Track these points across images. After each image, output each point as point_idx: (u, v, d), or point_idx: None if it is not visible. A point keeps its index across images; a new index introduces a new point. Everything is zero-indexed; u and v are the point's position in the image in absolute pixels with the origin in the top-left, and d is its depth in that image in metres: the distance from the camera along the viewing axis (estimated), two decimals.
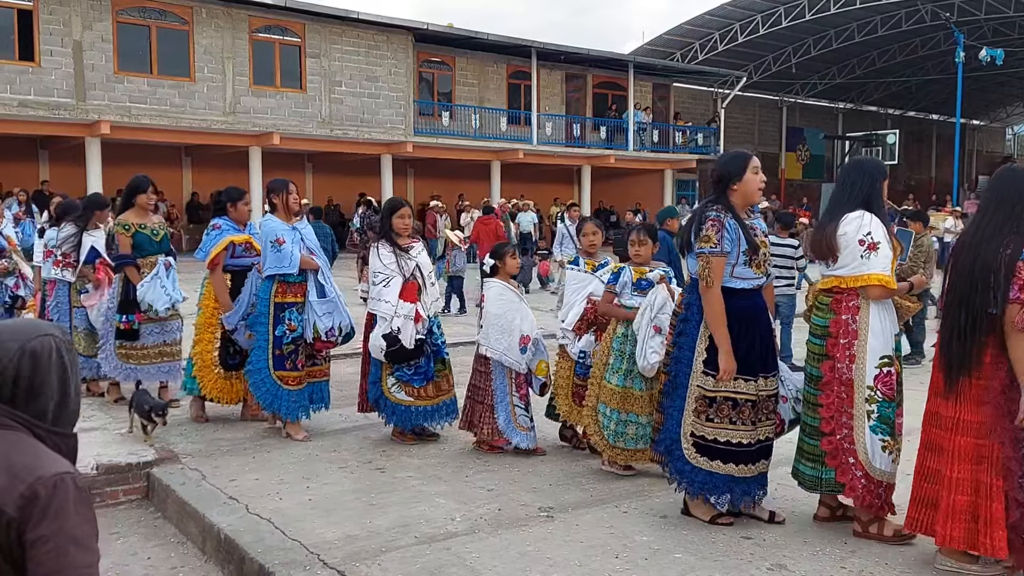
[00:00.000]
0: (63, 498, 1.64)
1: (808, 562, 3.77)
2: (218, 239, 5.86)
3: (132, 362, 6.26)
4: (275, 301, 5.59)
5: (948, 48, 31.43)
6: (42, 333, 1.77)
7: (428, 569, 3.64)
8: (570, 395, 5.30)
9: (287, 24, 21.99)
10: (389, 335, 5.31)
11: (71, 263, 6.63)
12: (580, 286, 5.37)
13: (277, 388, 5.58)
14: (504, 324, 5.28)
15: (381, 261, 5.46)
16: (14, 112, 18.48)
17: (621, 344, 4.85)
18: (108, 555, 4.10)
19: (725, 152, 4.42)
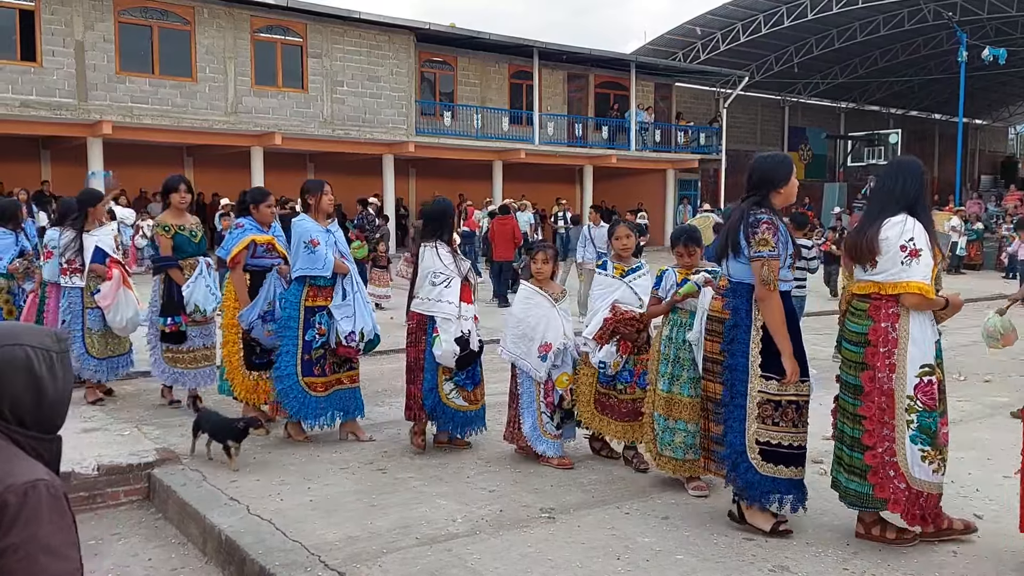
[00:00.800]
0: (34, 506, 1.60)
1: (810, 563, 3.76)
2: (240, 237, 5.81)
3: (180, 366, 6.18)
4: (305, 305, 5.47)
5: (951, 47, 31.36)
6: (11, 343, 1.72)
7: (429, 570, 3.63)
8: (592, 402, 5.11)
9: (289, 24, 21.98)
10: (461, 339, 5.16)
11: (77, 268, 6.54)
12: (606, 292, 5.16)
13: (305, 395, 5.46)
14: (524, 329, 5.17)
15: (441, 261, 5.26)
16: (16, 112, 18.48)
17: (666, 348, 4.73)
18: (109, 556, 4.11)
19: (766, 155, 4.26)
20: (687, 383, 4.64)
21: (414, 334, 5.37)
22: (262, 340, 5.79)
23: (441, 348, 5.15)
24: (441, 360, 5.18)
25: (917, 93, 41.87)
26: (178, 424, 6.02)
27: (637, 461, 5.12)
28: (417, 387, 5.36)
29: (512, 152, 25.95)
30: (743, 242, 3.94)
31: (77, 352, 6.49)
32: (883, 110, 42.60)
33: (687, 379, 4.64)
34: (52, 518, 1.62)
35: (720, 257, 4.18)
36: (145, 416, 6.27)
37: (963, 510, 4.46)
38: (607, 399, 5.06)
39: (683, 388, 4.65)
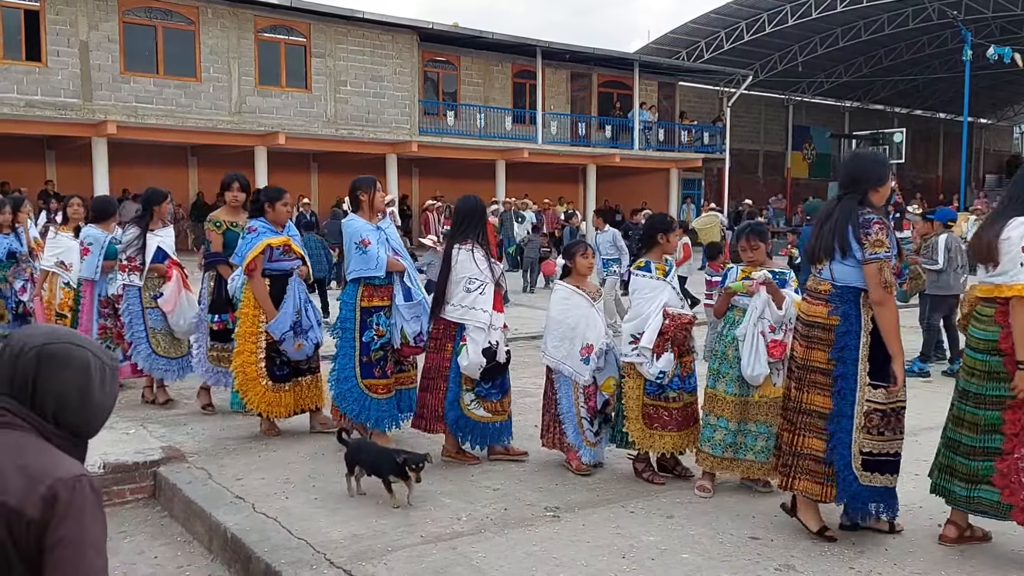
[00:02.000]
0: (82, 500, 1.64)
1: (816, 562, 3.76)
2: (254, 242, 5.50)
3: (223, 365, 5.95)
4: (361, 305, 5.27)
5: (955, 46, 31.30)
6: (68, 341, 1.77)
7: (434, 568, 3.64)
8: (640, 417, 4.78)
9: (292, 24, 22.00)
10: (488, 350, 4.91)
11: (137, 267, 6.40)
12: (653, 295, 4.79)
13: (365, 397, 5.27)
14: (564, 331, 4.91)
15: (477, 266, 4.98)
16: (21, 112, 18.52)
17: (714, 343, 4.62)
18: (115, 554, 4.11)
19: (864, 152, 4.10)
20: (732, 381, 4.55)
21: (438, 340, 5.10)
22: (291, 353, 5.55)
23: (468, 358, 4.90)
24: (466, 371, 4.95)
25: (922, 92, 41.78)
26: (183, 423, 6.04)
27: (680, 469, 4.94)
28: (434, 396, 5.11)
29: (515, 151, 25.95)
30: (854, 244, 3.75)
31: (144, 353, 6.39)
32: (888, 109, 42.50)
33: (733, 377, 4.54)
34: (95, 513, 1.66)
35: (817, 260, 3.95)
36: (151, 415, 6.28)
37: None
38: (656, 411, 4.77)
39: (728, 386, 4.56)
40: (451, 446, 5.18)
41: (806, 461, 3.95)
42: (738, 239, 4.81)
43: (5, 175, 19.60)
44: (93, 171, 19.78)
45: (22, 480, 1.61)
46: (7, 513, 1.58)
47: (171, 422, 6.05)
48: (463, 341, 4.95)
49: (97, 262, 6.73)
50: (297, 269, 5.67)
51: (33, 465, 1.63)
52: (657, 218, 5.27)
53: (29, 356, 1.72)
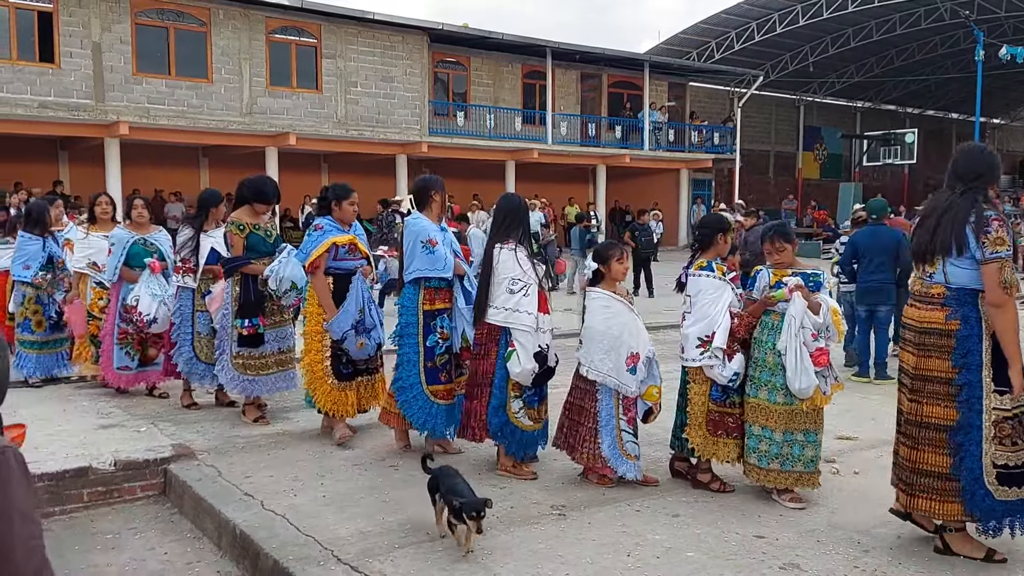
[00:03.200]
0: (7, 471, 1.65)
1: (820, 561, 3.77)
2: (320, 240, 5.37)
3: (250, 373, 5.78)
4: (424, 309, 5.10)
5: (968, 46, 31.15)
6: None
7: (440, 565, 3.66)
8: (704, 425, 4.60)
9: (303, 25, 22.09)
10: (539, 354, 4.70)
11: (191, 268, 6.29)
12: (717, 295, 4.61)
13: (431, 404, 5.08)
14: (609, 342, 4.62)
15: (520, 266, 4.77)
16: (34, 113, 18.67)
17: (755, 351, 4.50)
18: (126, 550, 4.16)
19: (980, 146, 3.86)
20: (775, 390, 4.40)
21: (482, 345, 4.90)
22: (353, 352, 5.42)
23: (520, 365, 4.68)
24: (518, 378, 4.73)
25: (934, 92, 41.57)
26: (193, 421, 6.09)
27: (718, 485, 4.72)
28: (480, 404, 4.90)
29: (525, 152, 25.97)
30: (972, 242, 3.56)
31: (186, 356, 6.29)
32: (899, 109, 42.32)
33: (776, 385, 4.39)
34: (22, 482, 1.68)
35: (927, 260, 3.77)
36: (161, 413, 6.33)
37: None
38: (721, 417, 4.58)
39: (771, 395, 4.41)
40: (507, 460, 4.92)
41: (929, 479, 3.74)
42: (762, 240, 4.70)
43: (18, 175, 19.73)
44: (105, 172, 19.92)
45: None
46: None
47: (181, 420, 6.10)
48: (511, 346, 4.72)
49: (116, 263, 6.61)
50: (362, 268, 5.53)
51: None
52: (714, 218, 5.10)
53: None
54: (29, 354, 7.22)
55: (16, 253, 7.31)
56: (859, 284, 8.22)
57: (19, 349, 7.19)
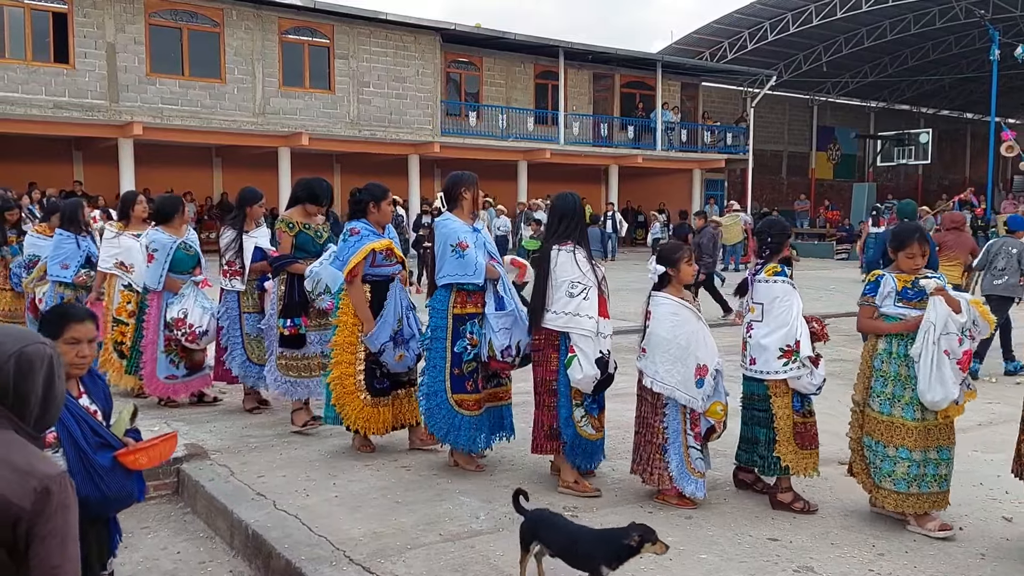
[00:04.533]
0: (66, 495, 1.78)
1: (835, 564, 3.74)
2: (358, 247, 5.05)
3: (292, 374, 5.63)
4: (454, 313, 4.84)
5: (982, 46, 30.91)
6: (37, 341, 1.89)
7: (452, 566, 3.66)
8: (792, 438, 4.36)
9: (316, 25, 22.16)
10: (601, 360, 4.46)
11: (237, 271, 6.11)
12: (791, 301, 4.39)
13: (454, 415, 4.82)
14: (677, 352, 4.36)
15: (580, 268, 4.52)
16: (49, 113, 18.80)
17: (883, 363, 4.19)
18: (139, 549, 4.17)
19: None
20: (909, 404, 4.10)
21: (541, 352, 4.65)
22: (391, 365, 5.13)
23: (582, 371, 4.44)
24: (579, 385, 4.49)
25: (948, 92, 41.32)
26: (206, 421, 6.10)
27: (761, 485, 4.60)
28: (545, 413, 4.66)
29: (537, 152, 25.97)
30: None
31: (239, 359, 6.15)
32: (914, 109, 42.09)
33: (909, 400, 4.10)
34: (73, 507, 1.81)
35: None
36: (174, 412, 6.35)
37: (992, 512, 4.42)
38: (805, 428, 4.37)
39: (905, 411, 4.12)
40: (569, 475, 4.65)
41: None
42: (903, 245, 4.24)
43: (34, 176, 19.89)
44: (120, 172, 20.04)
45: (10, 473, 1.72)
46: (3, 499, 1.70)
47: (194, 419, 6.12)
48: (571, 352, 4.48)
49: (161, 271, 6.23)
50: (399, 275, 5.26)
51: (19, 461, 1.75)
52: (781, 223, 4.84)
53: (7, 362, 1.81)
54: None
55: (52, 252, 6.99)
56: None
57: None
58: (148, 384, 6.37)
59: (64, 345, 2.61)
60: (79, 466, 2.54)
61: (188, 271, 6.35)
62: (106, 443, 2.63)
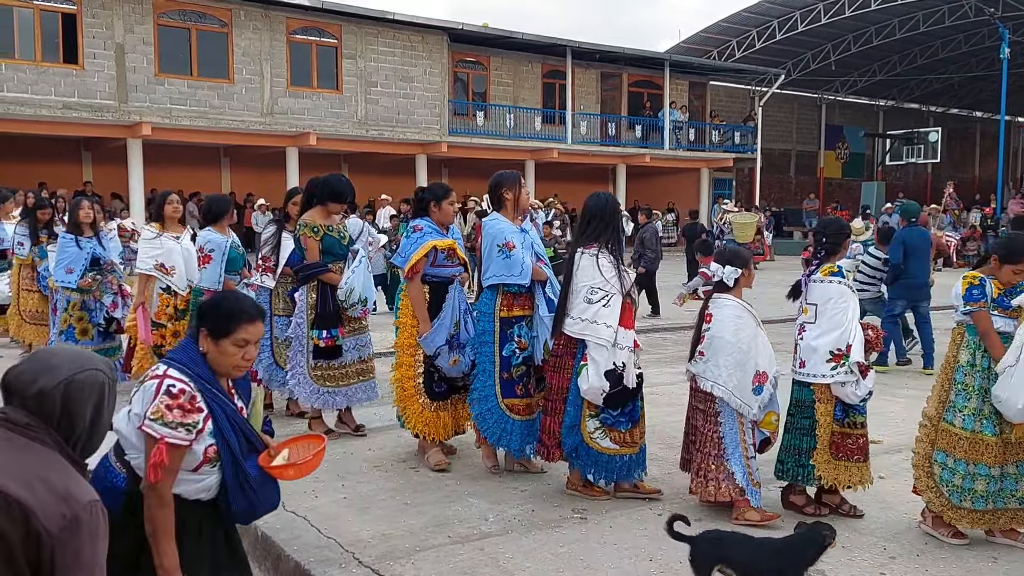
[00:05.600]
0: (96, 524, 1.75)
1: (846, 568, 3.73)
2: (420, 243, 4.91)
3: (330, 384, 5.42)
4: (501, 316, 4.75)
5: (992, 44, 30.74)
6: (92, 367, 1.87)
7: (461, 569, 3.65)
8: (828, 448, 4.22)
9: (324, 26, 22.18)
10: (613, 372, 4.29)
11: (270, 267, 5.93)
12: (847, 304, 4.22)
13: (505, 419, 4.73)
14: (738, 356, 4.23)
15: (602, 274, 4.36)
16: (58, 114, 18.87)
17: (966, 376, 3.99)
18: None
19: None
20: (989, 419, 3.94)
21: (558, 357, 4.52)
22: (446, 369, 4.96)
23: (588, 382, 4.31)
24: (587, 396, 4.36)
25: (958, 91, 41.11)
26: None
27: (847, 508, 4.39)
28: (554, 419, 4.54)
29: (545, 151, 25.95)
30: None
31: (266, 362, 5.99)
32: (923, 108, 41.89)
33: (989, 413, 3.94)
34: (104, 536, 1.77)
35: None
36: None
37: None
38: (843, 439, 4.21)
39: (985, 425, 3.93)
40: (575, 478, 4.59)
41: None
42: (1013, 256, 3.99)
43: (44, 176, 19.96)
44: (128, 172, 20.10)
45: (44, 492, 1.70)
46: (26, 517, 1.67)
47: None
48: (584, 360, 4.36)
49: (220, 270, 6.13)
50: (459, 276, 5.09)
51: (56, 482, 1.73)
52: (839, 222, 4.63)
53: (56, 388, 1.81)
54: None
55: (57, 256, 6.87)
56: (904, 280, 8.53)
57: None
58: None
59: (231, 346, 2.49)
60: (235, 482, 2.48)
61: (238, 271, 6.29)
62: (253, 447, 2.58)
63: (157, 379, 2.44)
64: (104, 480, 2.48)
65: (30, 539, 1.66)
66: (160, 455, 2.36)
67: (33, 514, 1.66)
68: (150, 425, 2.39)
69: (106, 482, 2.47)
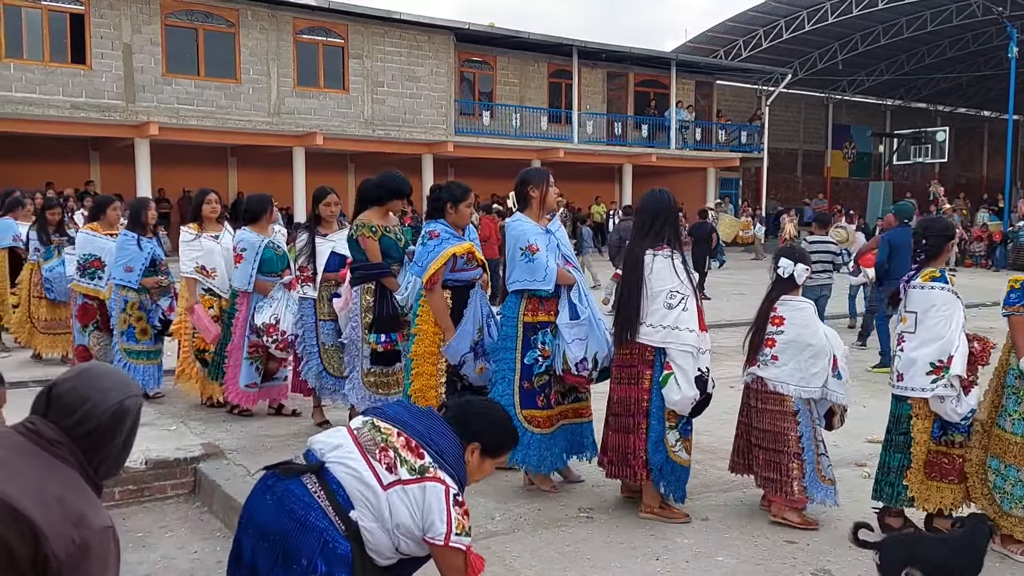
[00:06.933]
0: (107, 551, 1.74)
1: (852, 567, 3.72)
2: (438, 251, 4.68)
3: (382, 392, 5.23)
4: (525, 321, 4.49)
5: (1000, 43, 30.63)
6: (135, 393, 1.89)
7: None
8: (923, 467, 3.94)
9: (330, 26, 22.22)
10: (700, 378, 4.07)
11: (309, 276, 5.73)
12: (951, 312, 3.91)
13: (523, 432, 4.37)
14: (821, 358, 4.12)
15: (677, 276, 4.14)
16: (66, 114, 18.95)
17: (1017, 379, 3.84)
18: (156, 549, 4.19)
19: None
20: (1020, 421, 3.81)
21: (631, 368, 4.21)
22: (472, 378, 4.78)
23: (679, 391, 4.05)
24: (675, 406, 4.10)
25: (965, 90, 40.99)
26: (223, 420, 6.13)
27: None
28: (635, 436, 4.19)
29: (551, 151, 25.96)
30: None
31: (316, 370, 5.78)
32: (930, 107, 41.75)
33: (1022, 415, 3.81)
34: (114, 563, 1.76)
35: None
36: (191, 411, 6.38)
37: None
38: (937, 458, 3.95)
39: (1017, 426, 3.81)
40: (652, 500, 4.27)
41: None
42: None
43: (50, 176, 20.04)
44: (136, 172, 20.17)
45: (57, 513, 1.69)
46: (36, 538, 1.66)
47: (211, 419, 6.14)
48: (667, 369, 4.11)
49: (251, 271, 5.96)
50: (479, 279, 4.89)
51: (72, 505, 1.72)
52: (942, 222, 4.36)
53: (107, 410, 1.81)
54: (136, 364, 6.56)
55: (117, 255, 6.62)
56: (889, 280, 8.45)
57: (127, 360, 6.53)
58: (229, 390, 6.11)
59: (491, 466, 2.77)
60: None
61: (277, 272, 6.08)
62: None
63: (439, 485, 2.52)
64: (325, 535, 2.43)
65: (38, 561, 1.66)
66: (475, 562, 2.57)
67: (43, 535, 1.65)
68: (459, 540, 2.51)
69: (329, 543, 2.43)
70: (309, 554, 2.38)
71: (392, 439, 2.56)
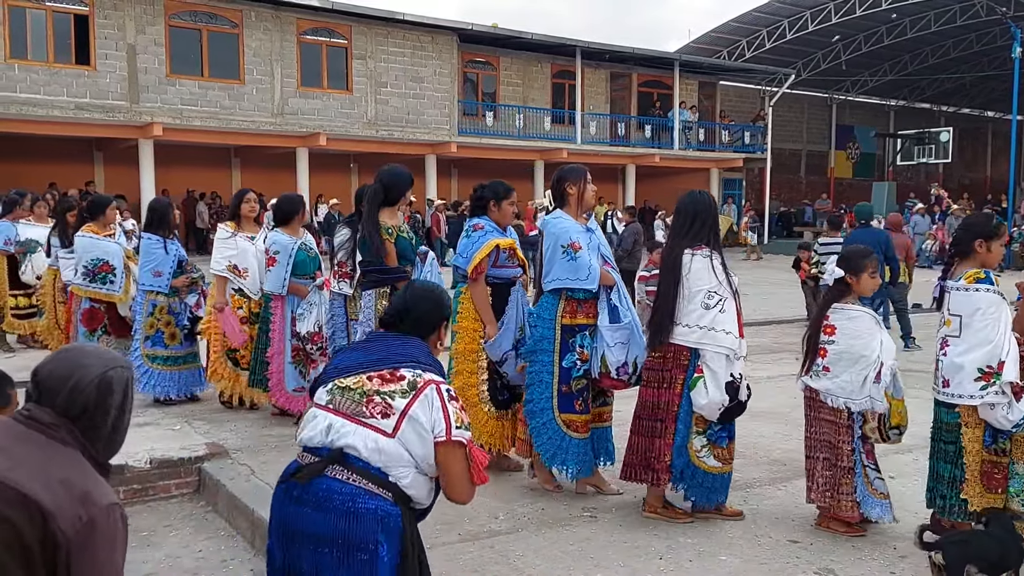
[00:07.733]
0: (114, 528, 1.75)
1: (856, 567, 3.72)
2: (482, 242, 4.65)
3: None
4: (563, 323, 4.40)
5: (1004, 43, 30.54)
6: (119, 364, 1.88)
7: (471, 566, 3.67)
8: (979, 476, 3.76)
9: (334, 26, 22.25)
10: (731, 384, 4.00)
11: (347, 273, 5.55)
12: (998, 315, 3.71)
13: (562, 436, 4.37)
14: (870, 368, 3.95)
15: (715, 276, 4.07)
16: (70, 114, 18.99)
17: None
18: (161, 547, 4.21)
19: None
20: None
21: (664, 371, 4.15)
22: (512, 376, 4.68)
23: (707, 395, 3.98)
24: (702, 410, 4.04)
25: (969, 90, 40.92)
26: (227, 420, 6.14)
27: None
28: (664, 442, 4.13)
29: (554, 152, 25.95)
30: None
31: None
32: (934, 107, 41.70)
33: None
34: (121, 540, 1.77)
35: None
36: (195, 411, 6.39)
37: None
38: (992, 468, 3.77)
39: None
40: (655, 500, 4.26)
41: None
42: None
43: (54, 176, 20.10)
44: (140, 173, 20.21)
45: (63, 494, 1.70)
46: (44, 519, 1.68)
47: (215, 419, 6.16)
48: (697, 372, 4.04)
49: (284, 274, 5.86)
50: (520, 278, 4.82)
51: (76, 484, 1.73)
52: (978, 219, 4.11)
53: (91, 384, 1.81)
54: (163, 371, 6.45)
55: (142, 259, 6.51)
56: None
57: (149, 366, 6.40)
58: (276, 395, 5.98)
59: None
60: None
61: (310, 274, 5.99)
62: None
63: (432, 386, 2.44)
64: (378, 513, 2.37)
65: (47, 541, 1.67)
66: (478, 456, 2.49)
67: (51, 516, 1.67)
68: (459, 434, 2.41)
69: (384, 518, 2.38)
70: (372, 538, 2.33)
71: (367, 386, 2.43)
